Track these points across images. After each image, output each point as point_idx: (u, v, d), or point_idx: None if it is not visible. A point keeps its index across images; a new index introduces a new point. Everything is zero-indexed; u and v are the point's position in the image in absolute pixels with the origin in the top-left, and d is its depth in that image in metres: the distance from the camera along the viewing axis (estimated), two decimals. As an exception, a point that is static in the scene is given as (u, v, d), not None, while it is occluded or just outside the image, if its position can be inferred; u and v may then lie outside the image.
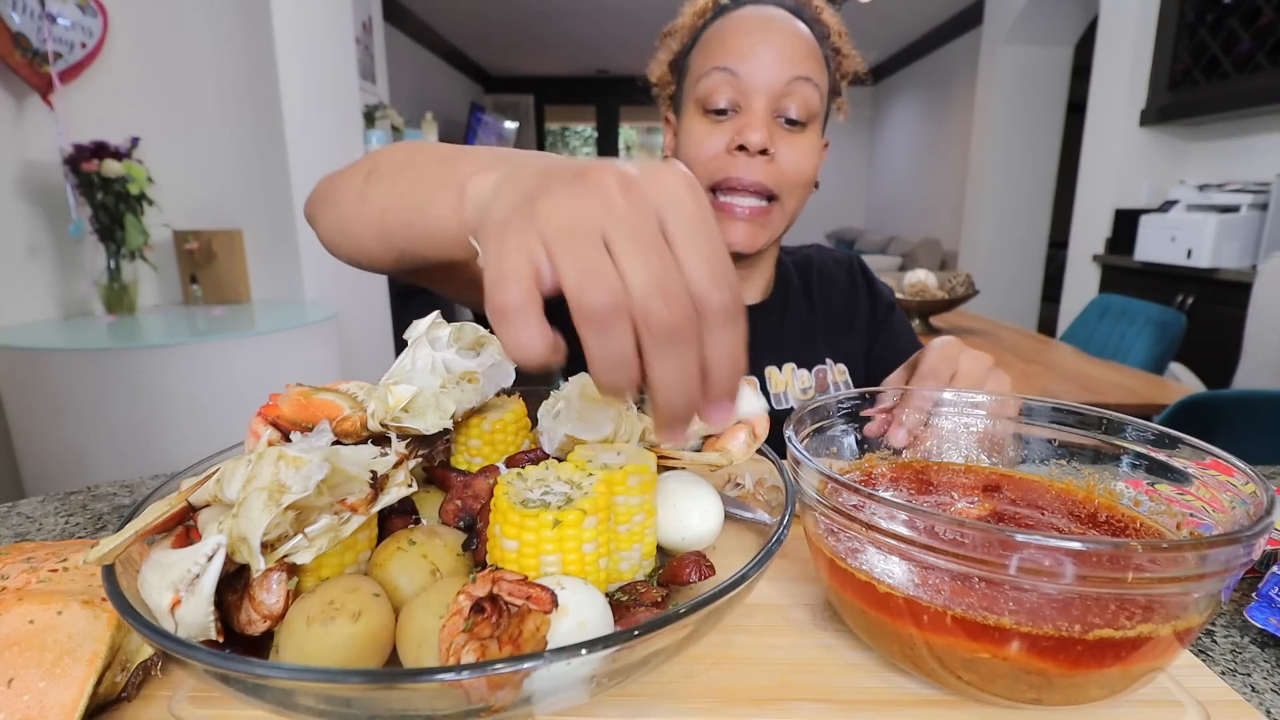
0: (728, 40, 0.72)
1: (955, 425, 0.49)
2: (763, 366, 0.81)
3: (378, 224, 0.52)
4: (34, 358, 1.71)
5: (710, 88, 0.71)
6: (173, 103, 2.35)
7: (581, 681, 0.28)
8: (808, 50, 0.71)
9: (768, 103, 0.70)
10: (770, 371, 0.81)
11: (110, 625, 0.34)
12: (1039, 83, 4.51)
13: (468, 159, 0.45)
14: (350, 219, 0.55)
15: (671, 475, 0.41)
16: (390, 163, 0.53)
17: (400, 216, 0.49)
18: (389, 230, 0.51)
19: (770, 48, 0.70)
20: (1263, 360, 1.94)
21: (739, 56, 0.70)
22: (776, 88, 0.70)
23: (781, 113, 0.71)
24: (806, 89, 0.70)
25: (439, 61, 6.31)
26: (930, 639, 0.33)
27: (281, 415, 0.37)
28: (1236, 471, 0.36)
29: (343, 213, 0.56)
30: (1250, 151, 2.82)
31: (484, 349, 0.46)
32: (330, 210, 0.58)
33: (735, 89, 0.70)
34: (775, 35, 0.70)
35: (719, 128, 0.72)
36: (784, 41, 0.70)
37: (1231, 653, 0.41)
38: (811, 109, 0.71)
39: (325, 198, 0.60)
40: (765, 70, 0.70)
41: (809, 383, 0.81)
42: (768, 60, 0.69)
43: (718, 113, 0.72)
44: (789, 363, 0.82)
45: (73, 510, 0.63)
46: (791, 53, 0.70)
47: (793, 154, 0.72)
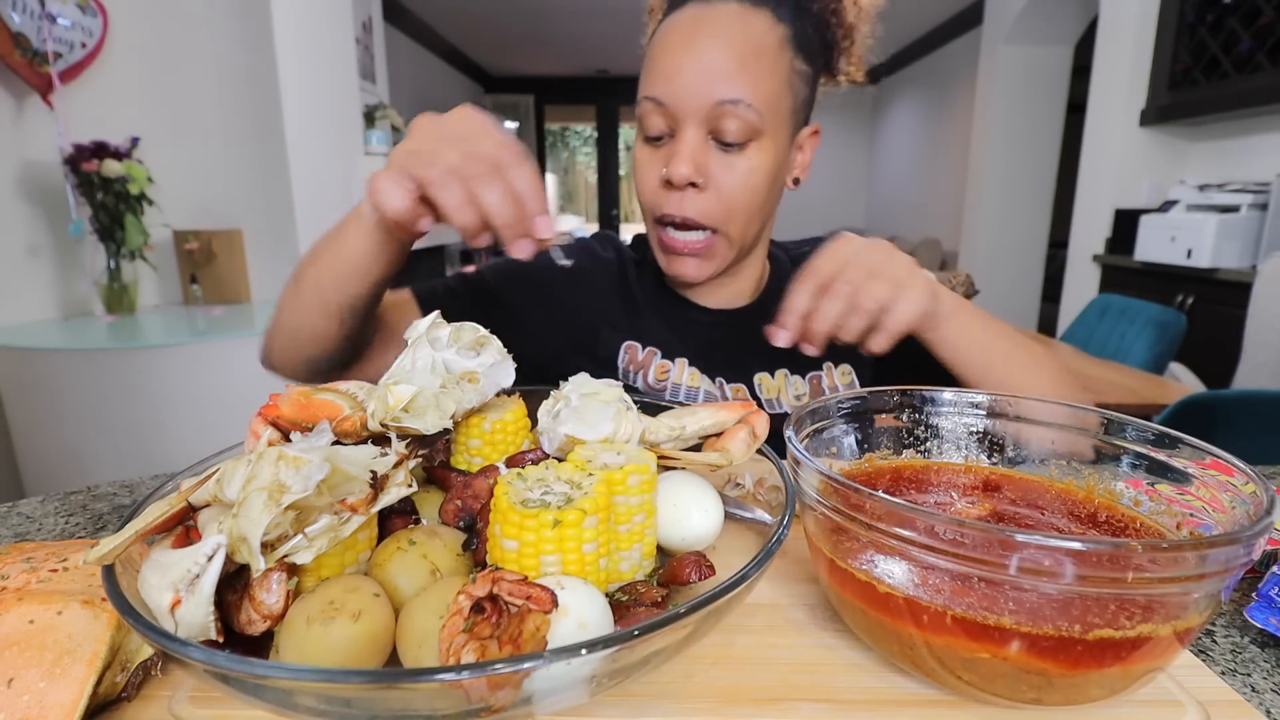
0: (657, 61, 0.66)
1: (955, 425, 0.49)
2: (752, 373, 0.77)
3: (315, 297, 0.61)
4: (34, 358, 1.71)
5: (643, 116, 0.67)
6: (173, 103, 2.35)
7: (581, 681, 0.28)
8: (744, 58, 0.63)
9: (699, 129, 0.65)
10: (761, 378, 0.77)
11: (110, 625, 0.34)
12: (1039, 83, 4.51)
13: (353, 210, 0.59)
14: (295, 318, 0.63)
15: (671, 475, 0.41)
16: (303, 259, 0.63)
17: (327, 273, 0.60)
18: (324, 293, 0.60)
19: (696, 68, 0.63)
20: (1263, 360, 1.94)
21: (665, 81, 0.65)
22: (703, 113, 0.64)
23: (717, 135, 0.65)
24: (737, 111, 0.63)
25: (439, 61, 6.30)
26: (930, 639, 0.33)
27: (281, 415, 0.37)
28: (1236, 471, 0.36)
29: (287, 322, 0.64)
30: (1250, 151, 2.82)
31: (484, 349, 0.46)
32: (279, 333, 0.66)
33: (663, 116, 0.66)
34: (702, 52, 0.63)
35: (656, 156, 0.68)
36: (712, 58, 0.63)
37: (1231, 653, 0.41)
38: (748, 129, 0.64)
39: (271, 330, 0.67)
40: (690, 96, 0.64)
41: (803, 389, 0.77)
42: (693, 84, 0.63)
43: (655, 139, 0.68)
44: (781, 369, 0.78)
45: (73, 510, 0.63)
46: (721, 70, 0.63)
47: (729, 179, 0.66)
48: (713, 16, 0.65)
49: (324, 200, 2.72)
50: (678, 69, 0.64)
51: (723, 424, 0.44)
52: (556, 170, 10.01)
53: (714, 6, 0.65)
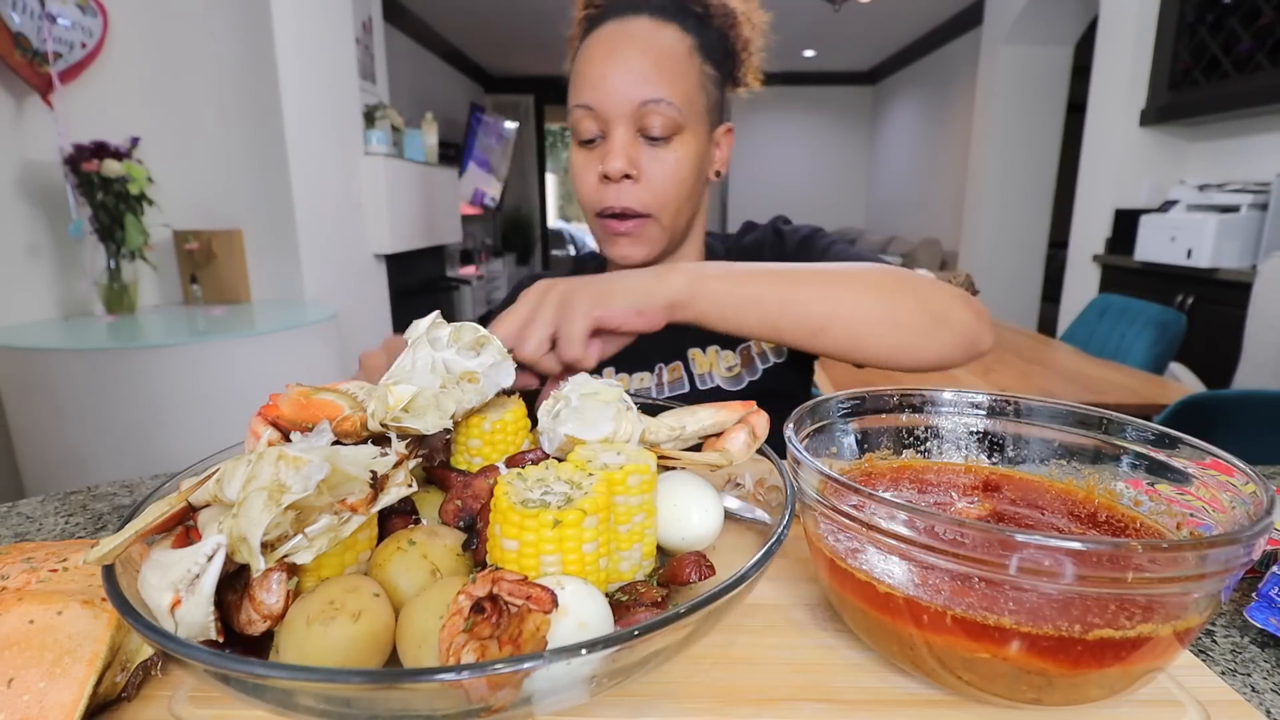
0: (583, 72, 0.74)
1: (955, 425, 0.49)
2: (685, 350, 0.84)
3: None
4: (34, 358, 1.71)
5: (575, 123, 0.75)
6: (173, 103, 2.35)
7: (581, 681, 0.28)
8: (660, 63, 0.71)
9: (627, 127, 0.72)
10: (694, 354, 0.84)
11: (110, 625, 0.34)
12: (1039, 83, 4.51)
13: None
14: None
15: (671, 475, 0.41)
16: None
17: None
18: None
19: (618, 75, 0.71)
20: (1263, 360, 1.94)
21: (592, 89, 0.72)
22: (630, 113, 0.71)
23: (644, 131, 0.73)
24: (661, 109, 0.71)
25: (439, 61, 6.30)
26: (930, 639, 0.33)
27: (281, 415, 0.37)
28: (1236, 471, 0.36)
29: None
30: (1250, 151, 2.81)
31: (484, 349, 0.46)
32: None
33: (594, 120, 0.73)
34: (623, 60, 0.71)
35: (591, 157, 0.75)
36: (631, 65, 0.71)
37: (1231, 653, 0.41)
38: (673, 124, 0.72)
39: None
40: (617, 98, 0.71)
41: (734, 360, 0.84)
42: (618, 87, 0.71)
43: (589, 142, 0.75)
44: (712, 345, 0.84)
45: (73, 510, 0.63)
46: (641, 74, 0.71)
47: (658, 170, 0.74)
48: (628, 31, 0.73)
49: (324, 200, 2.72)
50: (603, 77, 0.72)
51: (722, 424, 0.44)
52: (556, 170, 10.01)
53: (628, 23, 0.73)
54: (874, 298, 0.63)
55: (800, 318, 0.61)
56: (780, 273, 0.63)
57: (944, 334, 0.65)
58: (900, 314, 0.63)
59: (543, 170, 8.34)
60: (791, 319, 0.61)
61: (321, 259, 2.68)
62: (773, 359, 0.84)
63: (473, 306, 5.16)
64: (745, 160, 7.83)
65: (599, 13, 0.77)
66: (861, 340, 0.63)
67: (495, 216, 7.13)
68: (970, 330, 0.66)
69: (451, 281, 4.74)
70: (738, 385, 0.83)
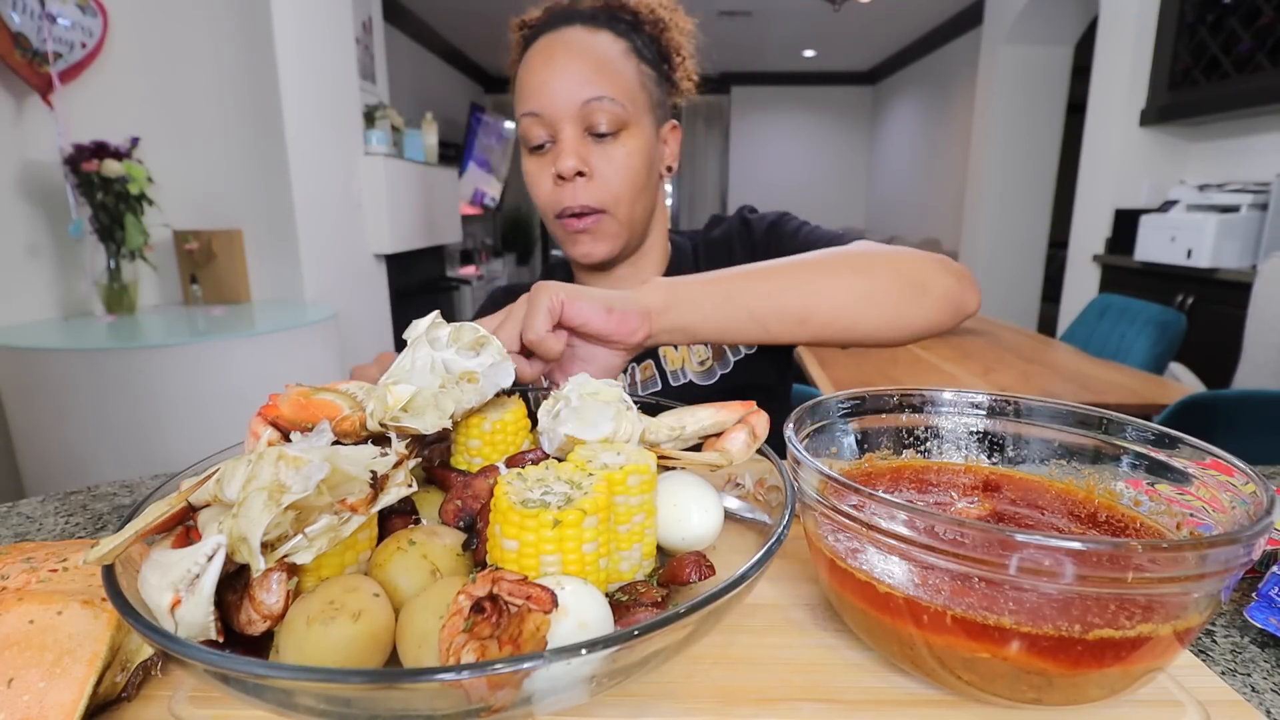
0: (526, 83, 0.76)
1: (955, 425, 0.49)
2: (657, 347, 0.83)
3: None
4: (34, 358, 1.71)
5: (524, 132, 0.77)
6: (173, 103, 2.35)
7: (581, 681, 0.28)
8: (597, 66, 0.74)
9: (575, 127, 0.75)
10: (665, 351, 0.85)
11: (110, 625, 0.34)
12: (1039, 83, 4.51)
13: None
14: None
15: (671, 475, 0.41)
16: None
17: None
18: None
19: (560, 79, 0.74)
20: (1263, 360, 1.94)
21: (535, 96, 0.75)
22: (575, 113, 0.74)
23: (591, 129, 0.75)
24: (604, 105, 0.74)
25: (439, 61, 6.30)
26: (930, 639, 0.33)
27: (281, 415, 0.37)
28: (1236, 471, 0.36)
29: None
30: (1250, 151, 2.81)
31: (483, 349, 0.46)
32: None
33: (543, 125, 0.75)
34: (562, 65, 0.74)
35: (543, 162, 0.78)
36: (571, 68, 0.74)
37: (1231, 653, 0.41)
38: (617, 119, 0.75)
39: None
40: (560, 100, 0.74)
41: (705, 354, 0.84)
42: (559, 91, 0.74)
43: (539, 149, 0.78)
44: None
45: (73, 510, 0.63)
46: (579, 77, 0.73)
47: (609, 166, 0.76)
48: (564, 39, 0.76)
49: (324, 200, 2.72)
50: (545, 83, 0.74)
51: (722, 424, 0.44)
52: (556, 170, 9.99)
53: (562, 33, 0.76)
54: (850, 277, 0.63)
55: (782, 309, 0.61)
56: (754, 269, 0.63)
57: (926, 301, 0.64)
58: (878, 288, 0.63)
59: (543, 170, 8.32)
60: (773, 311, 0.61)
61: (321, 259, 2.68)
62: (744, 350, 0.85)
63: (473, 306, 5.16)
64: (745, 160, 7.83)
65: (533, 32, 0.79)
66: (845, 320, 0.62)
67: (495, 216, 7.13)
68: (953, 294, 0.66)
69: (451, 281, 4.74)
70: (710, 379, 0.84)
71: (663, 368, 0.84)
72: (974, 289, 0.68)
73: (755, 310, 0.60)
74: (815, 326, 0.62)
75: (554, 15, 0.79)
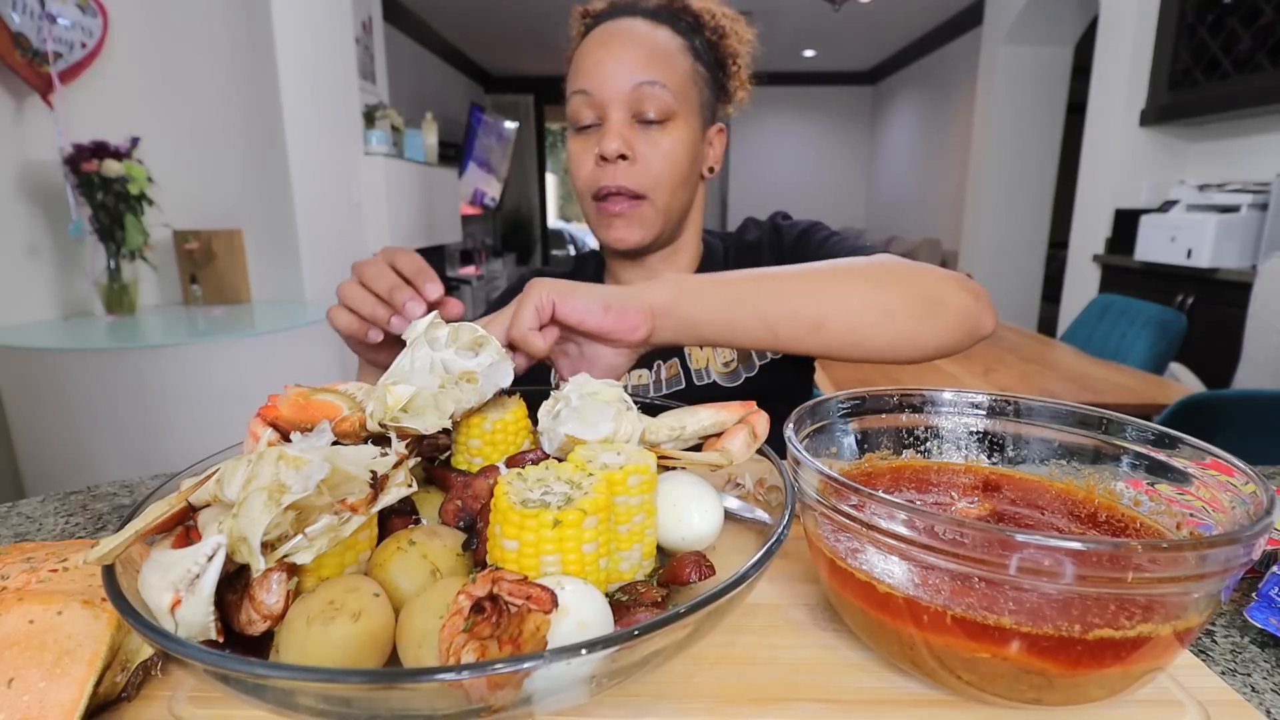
0: (580, 64, 0.77)
1: (955, 425, 0.49)
2: (683, 347, 0.84)
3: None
4: (34, 358, 1.71)
5: (573, 111, 0.78)
6: (173, 103, 2.35)
7: (581, 681, 0.28)
8: (653, 54, 0.75)
9: (622, 110, 0.75)
10: (691, 349, 0.85)
11: (110, 625, 0.34)
12: (1039, 83, 4.51)
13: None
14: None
15: (671, 475, 0.41)
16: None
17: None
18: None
19: (614, 61, 0.75)
20: (1263, 360, 1.94)
21: (589, 76, 0.76)
22: (625, 95, 0.74)
23: (639, 115, 0.76)
24: (654, 91, 0.74)
25: (439, 61, 6.30)
26: (930, 639, 0.33)
27: (280, 416, 0.37)
28: (1236, 471, 0.36)
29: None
30: (1250, 151, 2.81)
31: (482, 349, 0.46)
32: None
33: (592, 105, 0.76)
34: (618, 49, 0.75)
35: (588, 142, 0.78)
36: (626, 52, 0.75)
37: (1231, 653, 0.41)
38: (665, 107, 0.75)
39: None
40: (612, 83, 0.75)
41: (730, 355, 0.84)
42: (613, 72, 0.75)
43: (586, 129, 0.78)
44: None
45: (73, 510, 0.63)
46: (634, 61, 0.74)
47: (653, 152, 0.76)
48: (624, 28, 0.77)
49: (324, 200, 2.72)
50: (599, 64, 0.75)
51: (723, 424, 0.44)
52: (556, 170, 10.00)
53: (623, 22, 0.78)
54: (866, 289, 0.62)
55: (794, 314, 0.59)
56: (769, 273, 0.61)
57: (942, 319, 0.63)
58: (894, 303, 0.61)
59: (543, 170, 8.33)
60: (785, 316, 0.59)
61: (321, 259, 2.68)
62: (770, 355, 0.84)
63: (473, 306, 5.16)
64: (745, 160, 7.83)
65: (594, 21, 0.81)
66: (858, 333, 0.61)
67: (495, 216, 7.13)
68: (970, 313, 0.64)
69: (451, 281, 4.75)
70: (734, 381, 0.84)
71: (688, 366, 0.84)
72: (990, 311, 0.66)
73: (765, 313, 0.59)
74: (827, 335, 0.60)
75: (618, 7, 0.80)
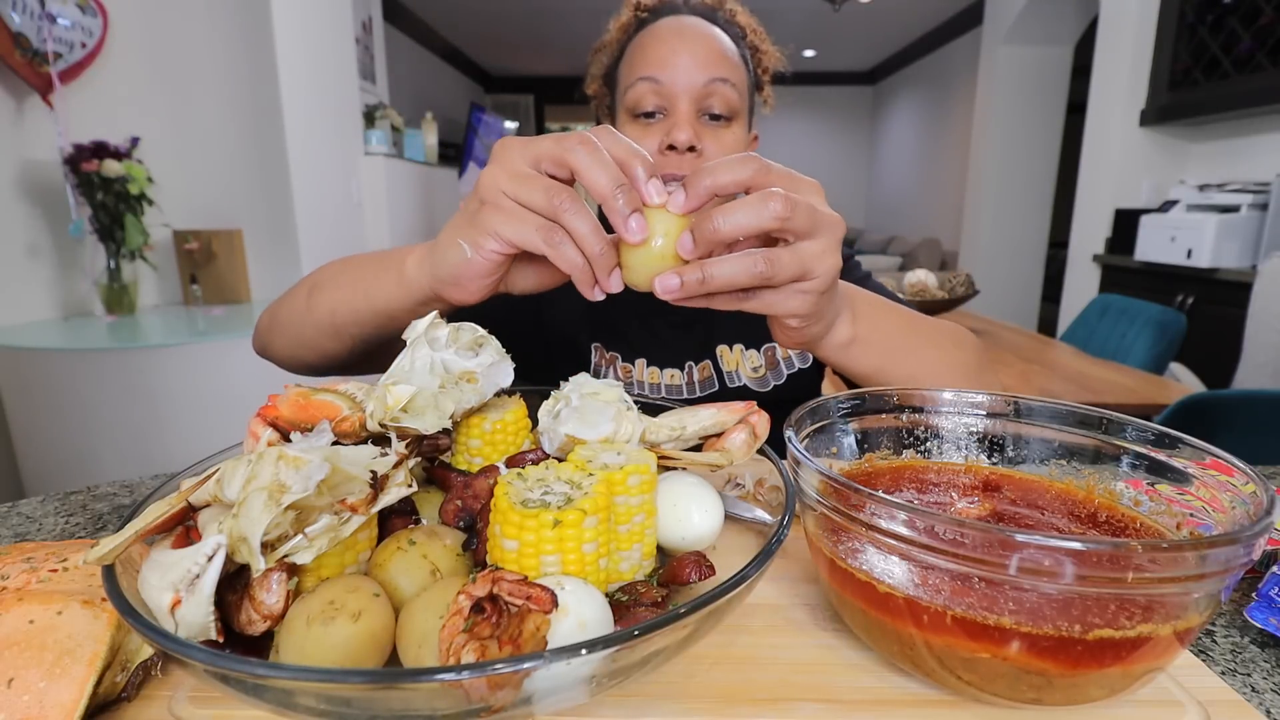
0: (649, 51, 0.77)
1: (955, 425, 0.49)
2: (715, 345, 0.85)
3: (329, 323, 0.62)
4: (34, 358, 1.71)
5: (638, 96, 0.77)
6: (173, 103, 2.35)
7: (581, 681, 0.28)
8: (722, 53, 0.77)
9: (691, 104, 0.76)
10: (721, 350, 0.86)
11: (110, 625, 0.34)
12: (1039, 83, 4.51)
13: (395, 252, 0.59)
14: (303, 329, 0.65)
15: (671, 475, 0.41)
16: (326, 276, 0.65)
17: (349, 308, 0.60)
18: (340, 324, 0.62)
19: (688, 54, 0.75)
20: (1263, 360, 1.94)
21: (660, 65, 0.75)
22: (697, 89, 0.75)
23: (705, 110, 0.76)
24: (724, 89, 0.75)
25: (439, 61, 6.30)
26: (930, 639, 0.33)
27: (280, 416, 0.37)
28: (1236, 471, 0.36)
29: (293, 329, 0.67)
30: (1250, 151, 2.81)
31: (482, 349, 0.46)
32: (280, 333, 0.69)
33: (659, 94, 0.76)
34: (691, 42, 0.76)
35: (650, 130, 0.78)
36: (699, 47, 0.75)
37: (1231, 653, 0.41)
38: (732, 105, 0.77)
39: (272, 325, 0.70)
40: (685, 74, 0.75)
41: (758, 361, 0.85)
42: (686, 65, 0.75)
43: (647, 116, 0.78)
44: (738, 344, 0.85)
45: (73, 510, 0.63)
46: (706, 57, 0.75)
47: (719, 148, 0.77)
48: (693, 24, 0.78)
49: (324, 200, 2.72)
50: (673, 51, 0.75)
51: (723, 424, 0.44)
52: (556, 170, 9.98)
53: (688, 19, 0.78)
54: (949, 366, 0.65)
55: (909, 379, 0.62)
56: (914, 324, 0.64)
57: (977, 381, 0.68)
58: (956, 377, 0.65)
59: (543, 170, 8.31)
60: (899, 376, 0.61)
61: (321, 259, 2.66)
62: (797, 364, 0.86)
63: (473, 306, 5.15)
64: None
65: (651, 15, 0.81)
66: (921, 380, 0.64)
67: (495, 216, 7.12)
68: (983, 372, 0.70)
69: (451, 281, 4.74)
70: (763, 387, 0.85)
71: (719, 368, 0.85)
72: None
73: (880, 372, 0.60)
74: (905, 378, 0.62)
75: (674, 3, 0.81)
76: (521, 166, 0.45)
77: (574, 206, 0.43)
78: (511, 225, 0.45)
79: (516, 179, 0.45)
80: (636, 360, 0.85)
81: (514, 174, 0.45)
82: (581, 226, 0.43)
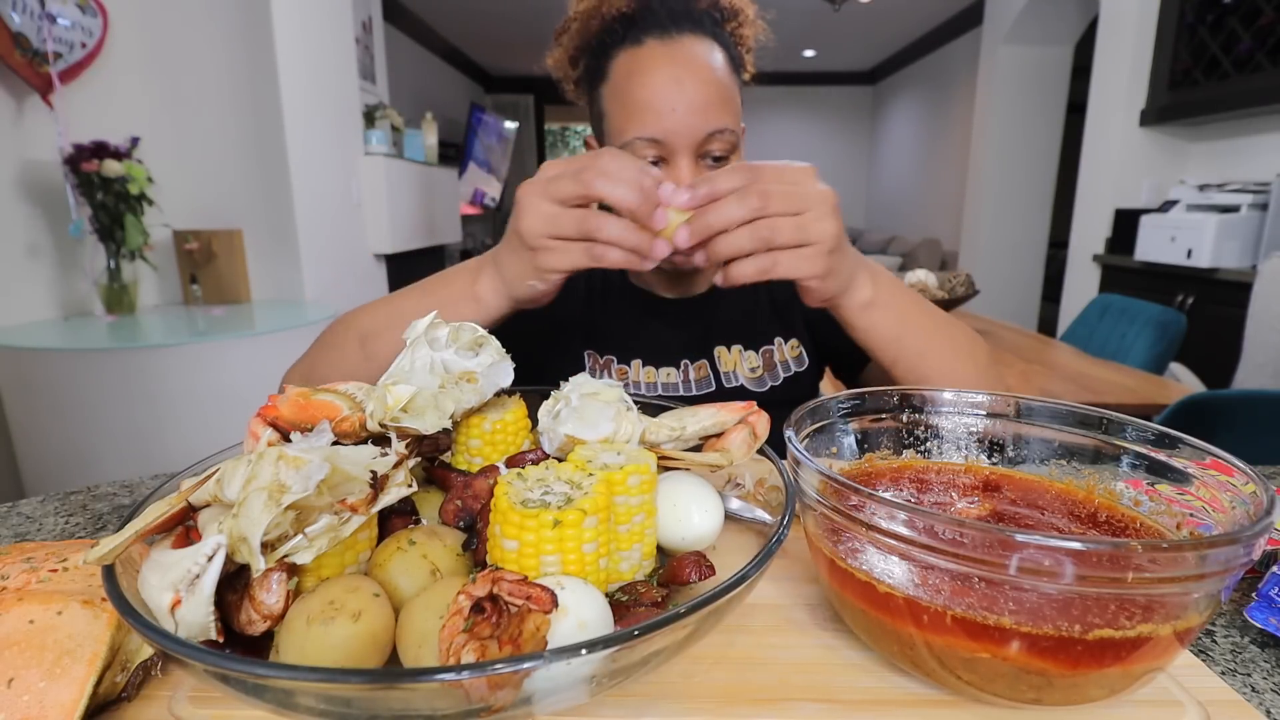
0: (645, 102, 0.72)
1: (955, 425, 0.49)
2: (712, 347, 0.85)
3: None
4: (34, 358, 1.71)
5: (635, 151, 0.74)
6: (173, 103, 2.35)
7: (581, 681, 0.28)
8: (720, 92, 0.73)
9: (691, 155, 0.73)
10: (719, 351, 0.86)
11: (110, 625, 0.34)
12: (1039, 83, 4.51)
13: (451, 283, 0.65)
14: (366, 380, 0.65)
15: (671, 475, 0.41)
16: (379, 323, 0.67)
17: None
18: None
19: (687, 105, 0.71)
20: (1263, 360, 1.94)
21: (658, 121, 0.71)
22: (698, 141, 0.72)
23: (705, 154, 0.74)
24: (724, 137, 0.73)
25: (439, 61, 6.30)
26: (930, 639, 0.33)
27: (280, 416, 0.37)
28: (1236, 471, 0.36)
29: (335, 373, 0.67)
30: (1250, 151, 2.81)
31: (482, 349, 0.46)
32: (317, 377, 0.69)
33: (657, 148, 0.73)
34: (692, 91, 0.71)
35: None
36: (697, 95, 0.71)
37: (1231, 653, 0.41)
38: (731, 147, 0.75)
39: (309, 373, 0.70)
40: (686, 132, 0.72)
41: (756, 362, 0.85)
42: (684, 122, 0.71)
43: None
44: (736, 344, 0.85)
45: (73, 510, 0.63)
46: (705, 104, 0.72)
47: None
48: (683, 54, 0.73)
49: (324, 200, 2.72)
50: (673, 110, 0.71)
51: (723, 424, 0.44)
52: (556, 170, 9.99)
53: (674, 45, 0.73)
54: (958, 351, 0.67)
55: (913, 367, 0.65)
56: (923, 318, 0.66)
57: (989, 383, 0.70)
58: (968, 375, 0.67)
59: (543, 170, 8.32)
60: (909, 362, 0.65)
61: (321, 259, 2.68)
62: (794, 368, 0.86)
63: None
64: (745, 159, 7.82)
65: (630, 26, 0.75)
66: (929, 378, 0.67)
67: (495, 216, 7.12)
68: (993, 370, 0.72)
69: (451, 281, 4.74)
70: (760, 387, 0.85)
71: (716, 368, 0.84)
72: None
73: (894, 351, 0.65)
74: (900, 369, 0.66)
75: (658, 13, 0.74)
76: (549, 208, 0.55)
77: (602, 222, 0.54)
78: (563, 259, 0.56)
79: (549, 220, 0.55)
80: (632, 361, 0.85)
81: (545, 217, 0.55)
82: (615, 231, 0.54)
